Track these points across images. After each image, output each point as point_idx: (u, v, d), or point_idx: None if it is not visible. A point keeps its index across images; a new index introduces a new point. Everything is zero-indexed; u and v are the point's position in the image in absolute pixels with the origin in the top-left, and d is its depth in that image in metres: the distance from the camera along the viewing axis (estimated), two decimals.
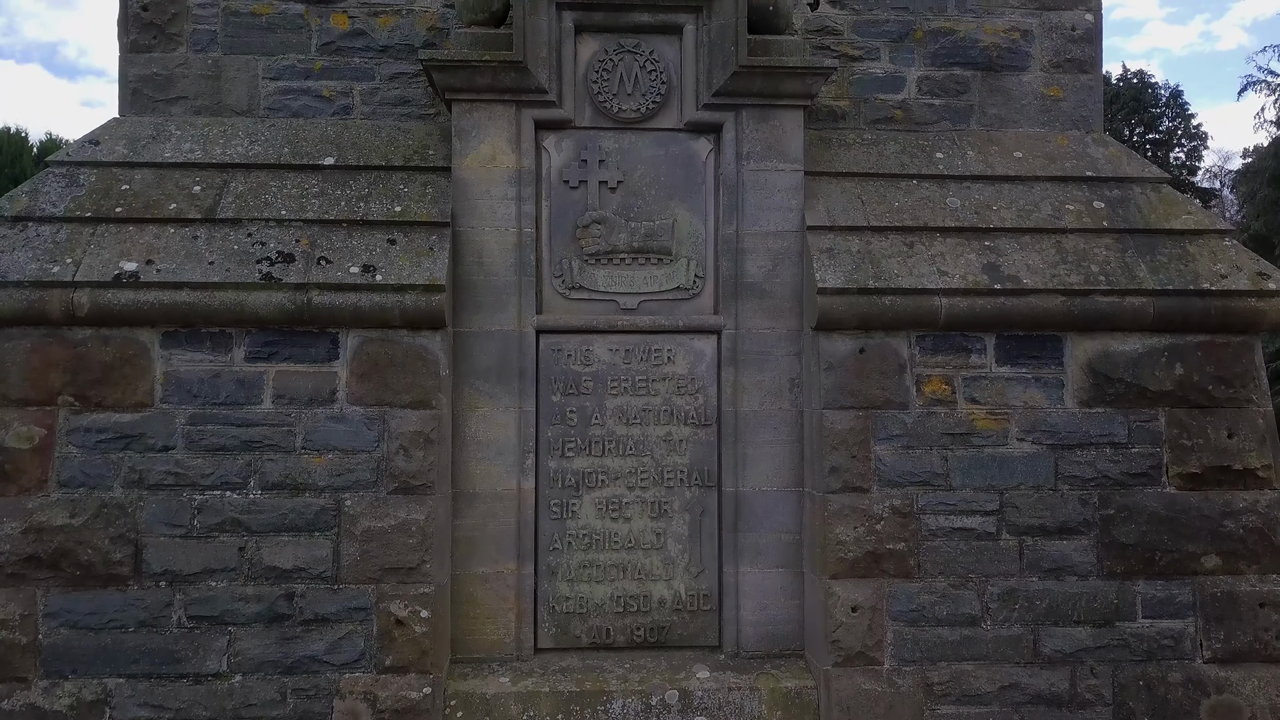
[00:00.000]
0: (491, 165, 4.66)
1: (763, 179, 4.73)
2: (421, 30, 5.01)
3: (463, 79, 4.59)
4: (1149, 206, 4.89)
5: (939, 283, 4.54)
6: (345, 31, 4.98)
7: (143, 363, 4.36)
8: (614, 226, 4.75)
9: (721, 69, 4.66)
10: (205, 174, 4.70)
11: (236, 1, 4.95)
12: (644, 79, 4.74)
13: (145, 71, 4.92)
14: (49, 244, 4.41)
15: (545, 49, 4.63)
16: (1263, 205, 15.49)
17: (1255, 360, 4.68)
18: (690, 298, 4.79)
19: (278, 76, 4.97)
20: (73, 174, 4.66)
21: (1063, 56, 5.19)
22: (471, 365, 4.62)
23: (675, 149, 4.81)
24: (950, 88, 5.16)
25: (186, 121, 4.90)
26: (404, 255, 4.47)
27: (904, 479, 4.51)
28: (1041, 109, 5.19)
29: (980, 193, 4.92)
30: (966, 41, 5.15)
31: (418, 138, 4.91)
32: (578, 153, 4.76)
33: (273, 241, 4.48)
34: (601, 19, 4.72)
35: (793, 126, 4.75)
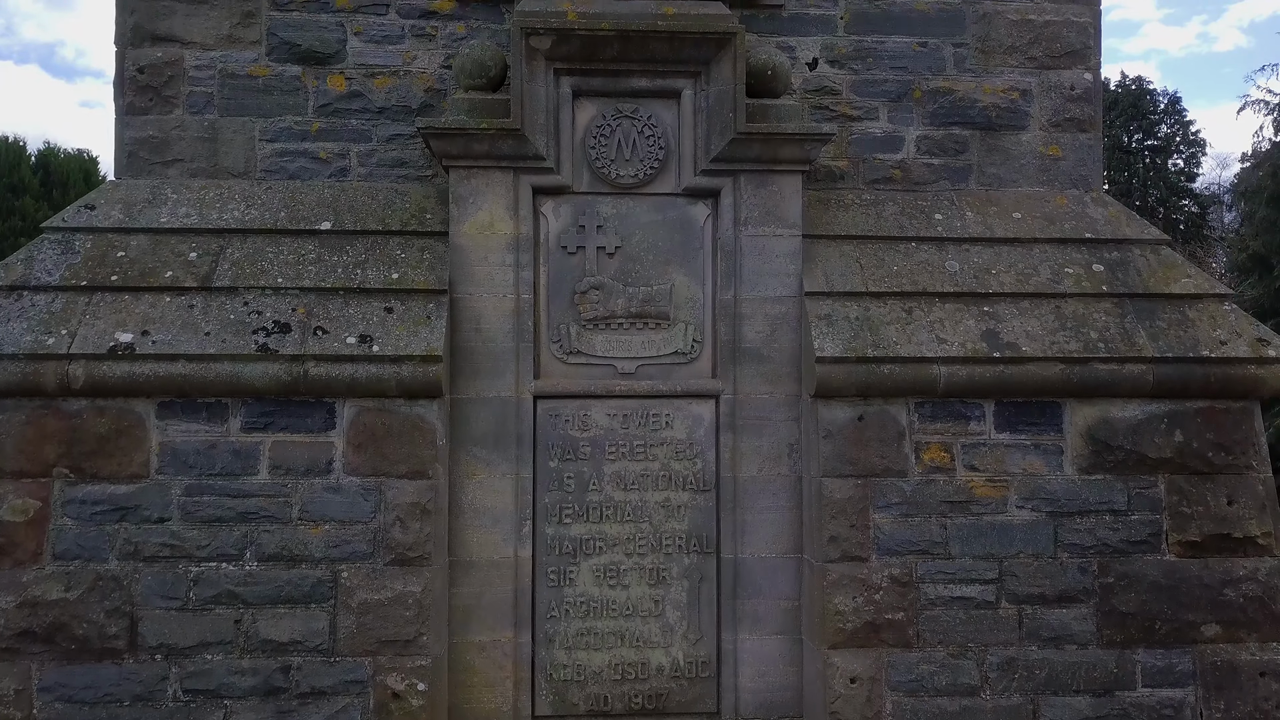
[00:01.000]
0: (489, 232, 4.64)
1: (760, 244, 4.72)
2: (419, 91, 4.99)
3: (460, 146, 4.58)
4: (1148, 270, 4.88)
5: (938, 351, 4.53)
6: (342, 93, 4.97)
7: (138, 433, 4.34)
8: (612, 292, 4.73)
9: (719, 135, 4.65)
10: (201, 240, 4.68)
11: (233, 64, 4.93)
12: (642, 144, 4.73)
13: (141, 134, 4.90)
14: (44, 314, 4.39)
15: (543, 115, 4.62)
16: (1261, 225, 15.47)
17: (1255, 426, 4.66)
18: (688, 362, 4.77)
19: (274, 138, 4.95)
20: (68, 240, 4.64)
21: (1062, 116, 5.18)
22: (469, 432, 4.60)
23: (673, 214, 4.79)
24: (949, 147, 5.15)
25: (183, 184, 4.88)
26: (401, 324, 4.46)
27: (903, 547, 4.50)
28: (1041, 168, 5.18)
29: (979, 255, 4.90)
30: (965, 101, 5.14)
31: (415, 200, 4.89)
32: (576, 218, 4.74)
33: (269, 310, 4.46)
34: (599, 84, 4.71)
35: (791, 191, 4.74)
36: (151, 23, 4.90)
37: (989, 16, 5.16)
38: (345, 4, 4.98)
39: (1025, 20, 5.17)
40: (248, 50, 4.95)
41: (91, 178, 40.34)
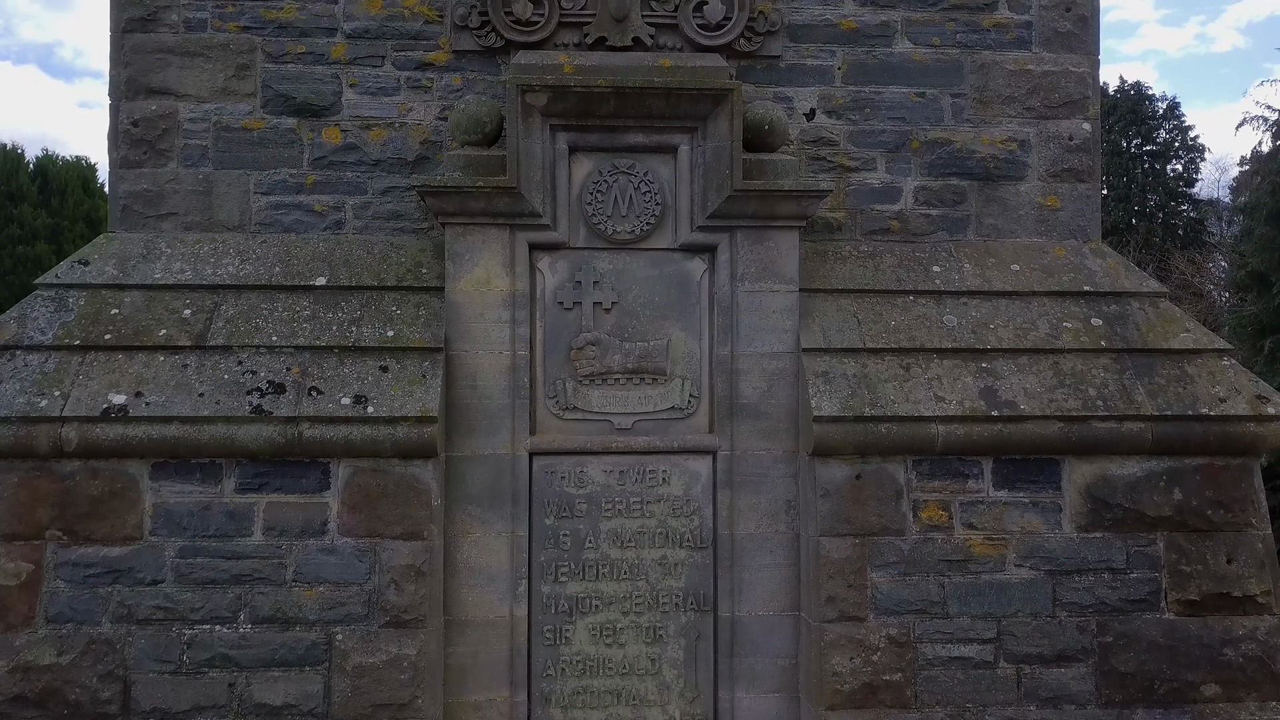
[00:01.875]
0: (485, 289, 4.62)
1: (757, 300, 4.69)
2: (414, 144, 4.97)
3: (456, 204, 4.56)
4: (1147, 324, 4.86)
5: (936, 409, 4.51)
6: (337, 146, 4.94)
7: (132, 495, 4.31)
8: (608, 348, 4.71)
9: (716, 192, 4.63)
10: (196, 296, 4.66)
11: (228, 116, 4.91)
12: (638, 200, 4.71)
13: (135, 188, 4.88)
14: (37, 374, 4.36)
15: (539, 172, 4.60)
16: (1260, 242, 15.43)
17: (1254, 483, 4.64)
18: (685, 417, 4.75)
19: (269, 191, 4.92)
20: (61, 297, 4.62)
21: (1060, 166, 5.16)
22: (464, 490, 4.58)
23: (670, 269, 4.77)
24: (947, 198, 5.13)
25: (177, 238, 4.86)
26: (396, 384, 4.43)
27: (901, 607, 4.47)
28: (1039, 219, 5.16)
29: (977, 309, 4.88)
30: (963, 152, 5.12)
31: (411, 255, 4.87)
32: (572, 274, 4.72)
33: (263, 370, 4.44)
34: (596, 140, 4.69)
35: (788, 247, 4.72)
36: (146, 76, 4.88)
37: (987, 67, 5.14)
38: (341, 56, 4.95)
39: (1023, 70, 5.15)
40: (242, 102, 4.92)
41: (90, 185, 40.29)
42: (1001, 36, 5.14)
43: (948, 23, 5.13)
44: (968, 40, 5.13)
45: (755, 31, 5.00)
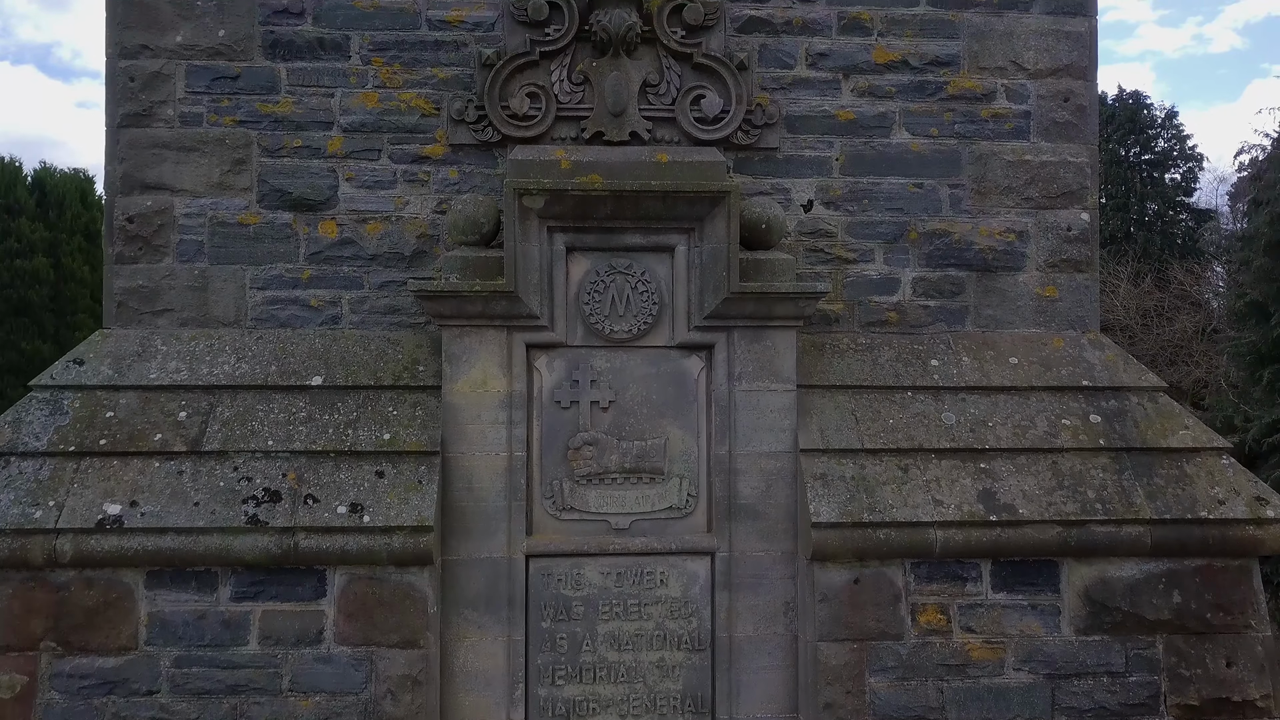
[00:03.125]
0: (482, 390, 4.60)
1: (755, 399, 4.68)
2: (411, 238, 4.95)
3: (453, 307, 4.54)
4: (1146, 421, 4.85)
5: (934, 515, 4.49)
6: (334, 240, 4.92)
7: (127, 605, 4.29)
8: (606, 448, 4.69)
9: (713, 293, 4.61)
10: (191, 397, 4.64)
11: (224, 211, 4.89)
12: (635, 300, 4.69)
13: (131, 284, 4.86)
14: (31, 482, 4.34)
15: (536, 274, 4.58)
16: (1258, 273, 15.41)
17: (1253, 585, 4.63)
18: (683, 517, 4.73)
19: (265, 286, 4.91)
20: (56, 399, 4.60)
21: (1058, 257, 5.15)
22: (460, 593, 4.56)
23: (667, 367, 4.75)
24: (945, 289, 5.12)
25: (173, 335, 4.84)
26: (392, 491, 4.41)
27: (899, 713, 4.46)
28: (1037, 309, 5.14)
29: (976, 406, 4.87)
30: (962, 244, 5.11)
31: (407, 351, 4.85)
32: (569, 372, 4.70)
33: (259, 477, 4.42)
34: (593, 240, 4.67)
35: (785, 346, 4.70)
36: (141, 171, 4.86)
37: (985, 158, 5.13)
38: (337, 150, 4.94)
39: (1021, 161, 5.13)
40: (238, 197, 4.90)
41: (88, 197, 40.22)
42: (1000, 127, 5.13)
43: (945, 113, 5.11)
44: (966, 131, 5.12)
45: (753, 124, 4.99)
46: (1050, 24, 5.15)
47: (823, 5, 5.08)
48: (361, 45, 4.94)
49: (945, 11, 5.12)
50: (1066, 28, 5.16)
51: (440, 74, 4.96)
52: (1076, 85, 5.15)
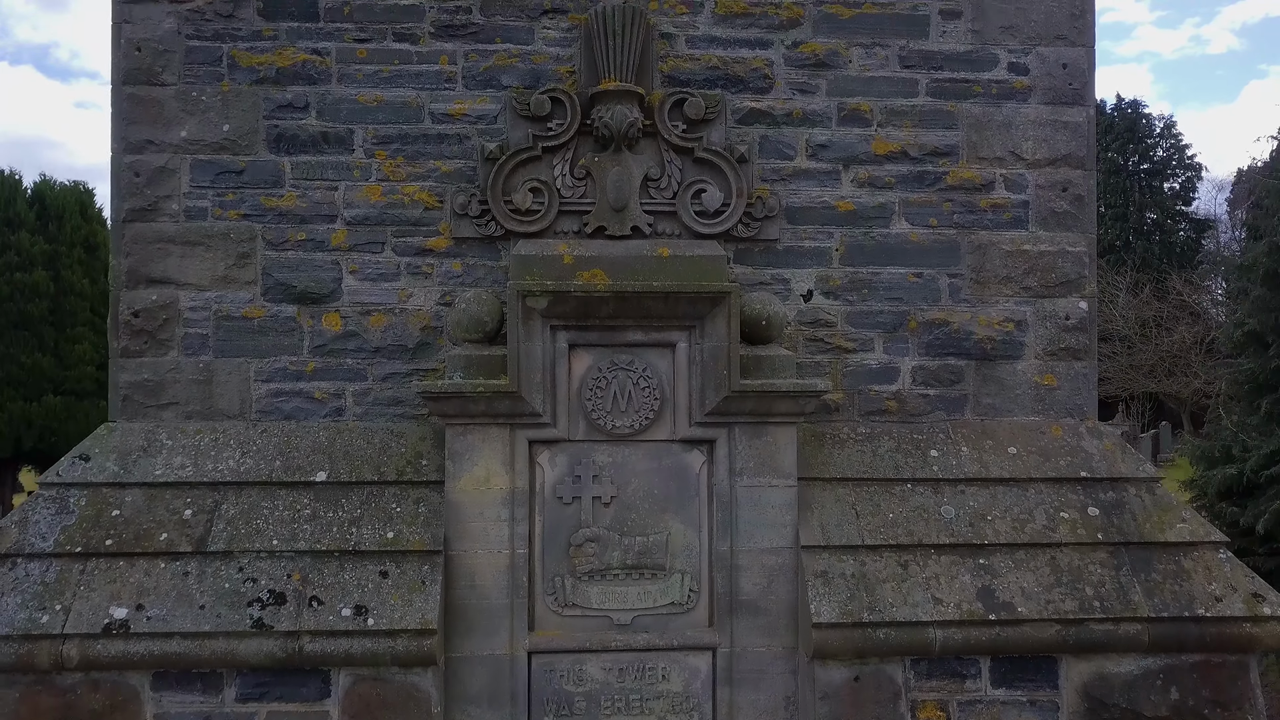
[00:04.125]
0: (485, 487, 4.64)
1: (756, 495, 4.72)
2: (415, 330, 4.99)
3: (457, 407, 4.58)
4: (1144, 513, 4.88)
5: (934, 614, 4.53)
6: (338, 333, 4.96)
7: (133, 707, 4.33)
8: (608, 544, 4.73)
9: (715, 390, 4.65)
10: (197, 494, 4.68)
11: (228, 305, 4.93)
12: (637, 395, 4.73)
13: (136, 378, 4.89)
14: (38, 586, 4.38)
15: (539, 373, 4.62)
16: (1257, 304, 15.43)
17: (1250, 680, 4.67)
18: (685, 612, 4.77)
19: (270, 379, 4.94)
20: (63, 497, 4.63)
21: (1057, 345, 5.19)
22: (463, 690, 4.59)
23: (669, 461, 4.79)
24: (945, 377, 5.15)
25: (178, 429, 4.87)
26: (396, 592, 4.45)
27: None
28: (1036, 397, 5.18)
29: (975, 498, 4.90)
30: (961, 333, 5.15)
31: (410, 444, 4.88)
32: (571, 467, 4.74)
33: (264, 578, 4.45)
34: (595, 338, 4.71)
35: (786, 442, 4.74)
36: (146, 266, 4.90)
37: (984, 247, 5.17)
38: (341, 243, 4.98)
39: (1020, 251, 5.18)
40: (243, 290, 4.94)
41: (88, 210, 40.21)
42: (999, 216, 5.17)
43: (945, 203, 5.15)
44: (965, 220, 5.16)
45: (753, 217, 5.03)
46: (1048, 114, 5.19)
47: (823, 96, 5.12)
48: (365, 139, 4.98)
49: (944, 102, 5.16)
50: (1065, 118, 5.20)
51: (443, 167, 5.00)
52: (1075, 175, 5.19)
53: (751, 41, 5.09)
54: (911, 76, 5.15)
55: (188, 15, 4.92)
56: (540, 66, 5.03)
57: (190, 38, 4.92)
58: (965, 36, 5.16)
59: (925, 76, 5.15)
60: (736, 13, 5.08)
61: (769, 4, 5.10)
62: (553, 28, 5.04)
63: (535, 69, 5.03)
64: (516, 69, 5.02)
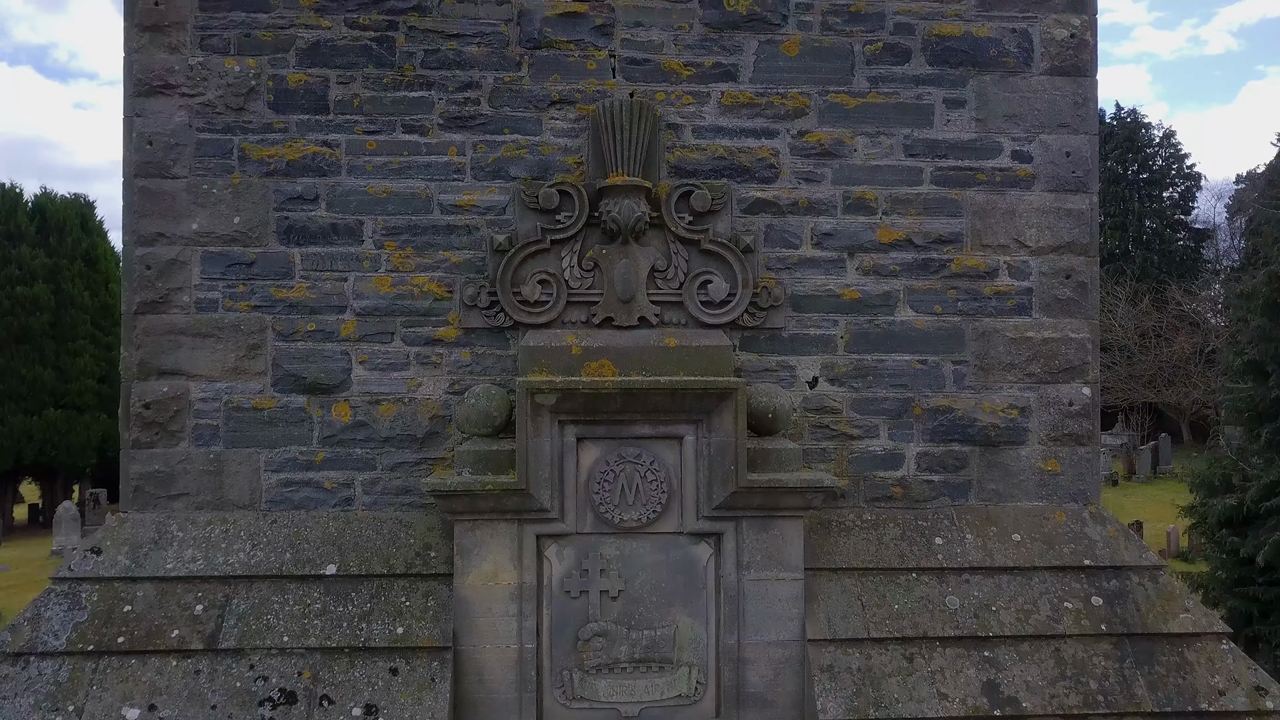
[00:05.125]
0: (493, 582, 4.68)
1: (763, 588, 4.75)
2: (424, 419, 5.03)
3: (465, 504, 4.62)
4: (1147, 603, 4.92)
5: (939, 710, 4.56)
6: (347, 423, 5.00)
7: None
8: (615, 638, 4.76)
9: (722, 485, 4.69)
10: (208, 588, 4.71)
11: (239, 395, 4.97)
12: (645, 489, 4.77)
13: (147, 469, 4.93)
14: (50, 685, 4.41)
15: (548, 469, 4.66)
16: (1256, 333, 15.52)
17: None
18: (692, 704, 4.80)
19: (280, 469, 4.98)
20: (74, 593, 4.67)
21: (1060, 431, 5.23)
22: None
23: (676, 554, 4.83)
24: (949, 463, 5.19)
25: (189, 520, 4.91)
26: (406, 690, 4.49)
27: None
28: (1039, 483, 5.22)
29: (979, 588, 4.94)
30: (965, 420, 5.19)
31: (419, 535, 4.92)
32: (579, 561, 4.78)
33: (275, 675, 4.49)
34: (604, 431, 4.75)
35: (793, 535, 4.78)
36: (157, 358, 4.94)
37: (988, 334, 5.21)
38: (350, 333, 5.01)
39: (1024, 338, 5.22)
40: (253, 381, 4.98)
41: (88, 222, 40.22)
42: (1002, 303, 5.21)
43: (949, 290, 5.20)
44: (969, 308, 5.20)
45: (759, 306, 5.08)
46: (1052, 201, 5.24)
47: (828, 185, 5.16)
48: (375, 229, 5.02)
49: (948, 190, 5.20)
50: (1068, 205, 5.24)
51: (453, 257, 5.04)
52: (1078, 262, 5.23)
53: (757, 131, 5.14)
54: (916, 165, 5.19)
55: (199, 109, 4.96)
56: (548, 157, 5.08)
57: (201, 130, 4.96)
58: (969, 125, 5.21)
59: (930, 164, 5.20)
60: (743, 103, 5.13)
61: (775, 94, 5.14)
62: (560, 118, 5.08)
63: (543, 159, 5.07)
64: (525, 160, 5.06)
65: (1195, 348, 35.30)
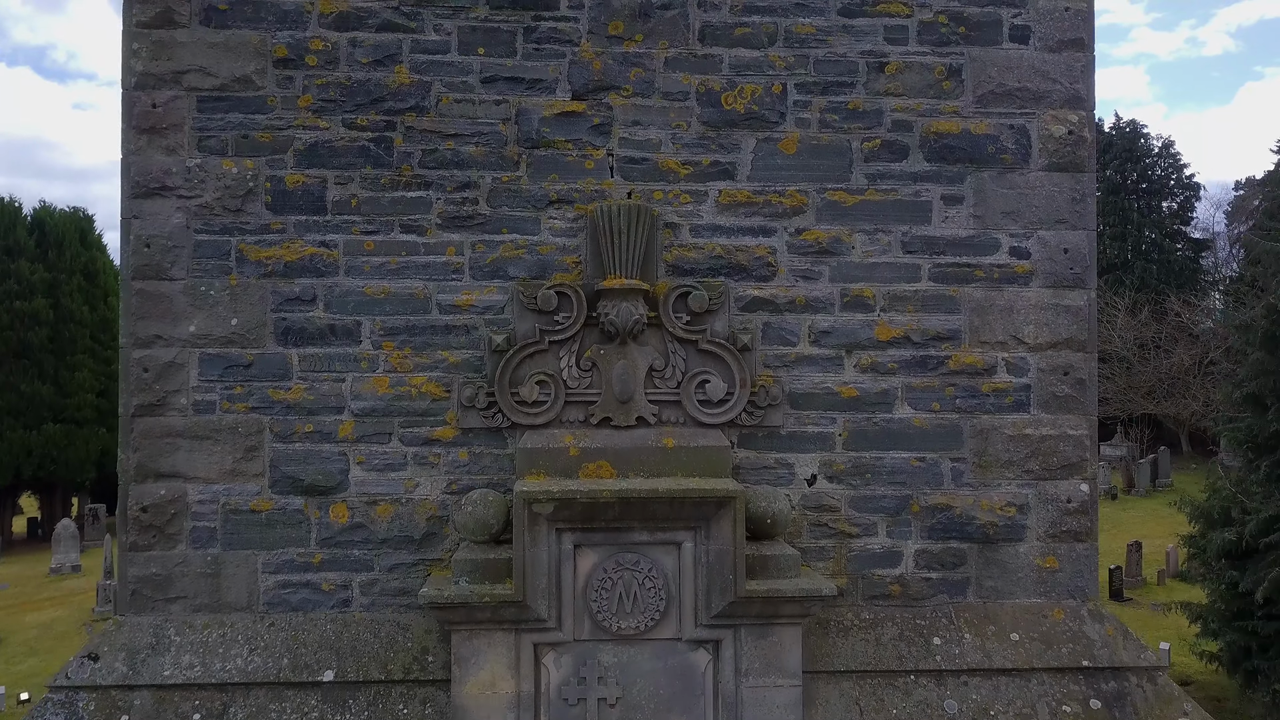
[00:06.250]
0: (491, 691, 4.67)
1: (762, 695, 4.74)
2: (421, 520, 5.02)
3: (463, 615, 4.60)
4: (1145, 706, 4.92)
5: None
6: (345, 525, 5.00)
7: None
8: None
9: (720, 594, 4.68)
10: (205, 696, 4.71)
11: (236, 498, 4.96)
12: (643, 596, 4.76)
13: (144, 572, 4.93)
14: None
15: (545, 579, 4.65)
16: (1255, 367, 15.52)
17: None
18: None
19: (277, 570, 4.98)
20: (72, 701, 4.67)
21: (1059, 528, 5.22)
22: None
23: (674, 660, 4.81)
24: (947, 561, 5.19)
25: (186, 623, 4.91)
26: None
27: None
28: (1038, 580, 5.22)
29: (978, 690, 4.94)
30: (963, 518, 5.18)
31: (416, 638, 4.92)
32: (577, 668, 4.77)
33: None
34: (601, 538, 4.74)
35: (791, 641, 4.77)
36: (155, 460, 4.93)
37: (986, 432, 5.21)
38: (348, 434, 5.01)
39: (1022, 435, 5.21)
40: (251, 483, 4.98)
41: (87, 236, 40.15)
42: (1000, 400, 5.21)
43: (947, 388, 5.19)
44: (967, 405, 5.20)
45: (756, 405, 5.08)
46: (1050, 298, 5.23)
47: (825, 283, 5.16)
48: (373, 330, 5.02)
49: (946, 287, 5.20)
50: (1066, 301, 5.24)
51: (451, 357, 5.04)
52: (1076, 358, 5.23)
53: (755, 229, 5.14)
54: (914, 261, 5.19)
55: (197, 210, 4.96)
56: (547, 257, 5.08)
57: (199, 232, 4.96)
58: (967, 221, 5.21)
59: (928, 261, 5.20)
60: (740, 202, 5.13)
61: (772, 192, 5.14)
62: (559, 217, 5.08)
63: (542, 259, 5.07)
64: (523, 259, 5.06)
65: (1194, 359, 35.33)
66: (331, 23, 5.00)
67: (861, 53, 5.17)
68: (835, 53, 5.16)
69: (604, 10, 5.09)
